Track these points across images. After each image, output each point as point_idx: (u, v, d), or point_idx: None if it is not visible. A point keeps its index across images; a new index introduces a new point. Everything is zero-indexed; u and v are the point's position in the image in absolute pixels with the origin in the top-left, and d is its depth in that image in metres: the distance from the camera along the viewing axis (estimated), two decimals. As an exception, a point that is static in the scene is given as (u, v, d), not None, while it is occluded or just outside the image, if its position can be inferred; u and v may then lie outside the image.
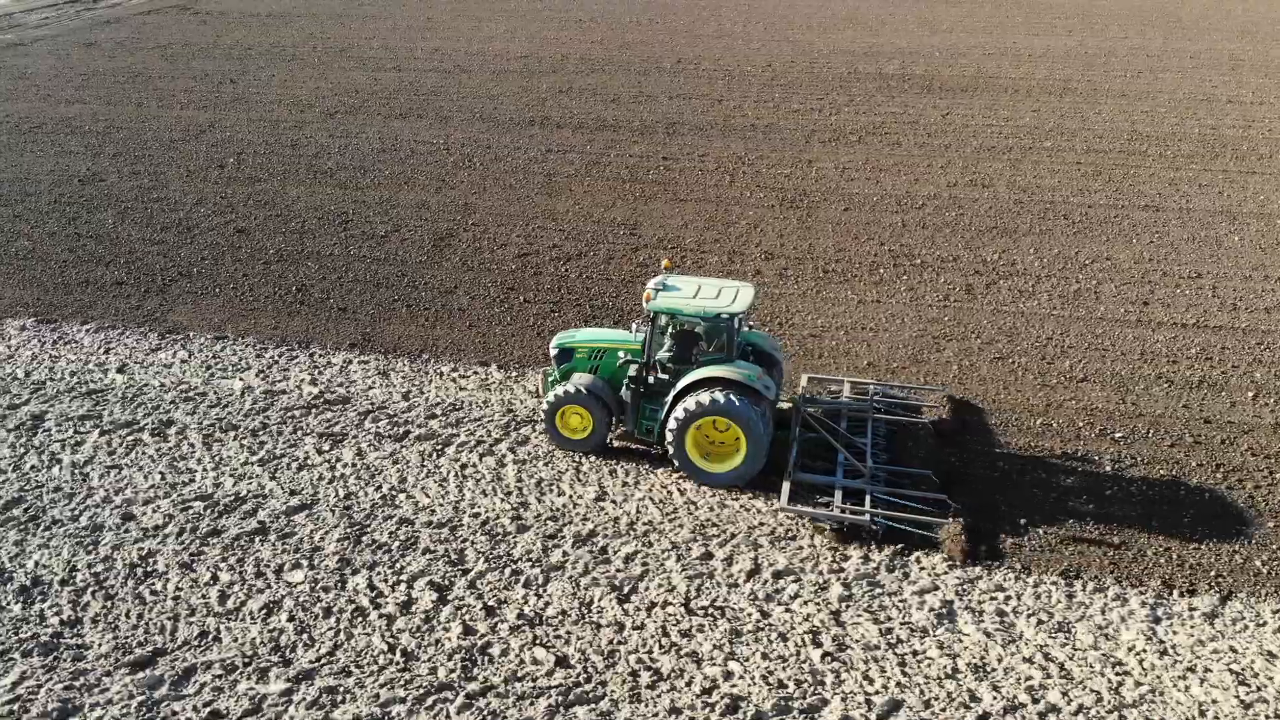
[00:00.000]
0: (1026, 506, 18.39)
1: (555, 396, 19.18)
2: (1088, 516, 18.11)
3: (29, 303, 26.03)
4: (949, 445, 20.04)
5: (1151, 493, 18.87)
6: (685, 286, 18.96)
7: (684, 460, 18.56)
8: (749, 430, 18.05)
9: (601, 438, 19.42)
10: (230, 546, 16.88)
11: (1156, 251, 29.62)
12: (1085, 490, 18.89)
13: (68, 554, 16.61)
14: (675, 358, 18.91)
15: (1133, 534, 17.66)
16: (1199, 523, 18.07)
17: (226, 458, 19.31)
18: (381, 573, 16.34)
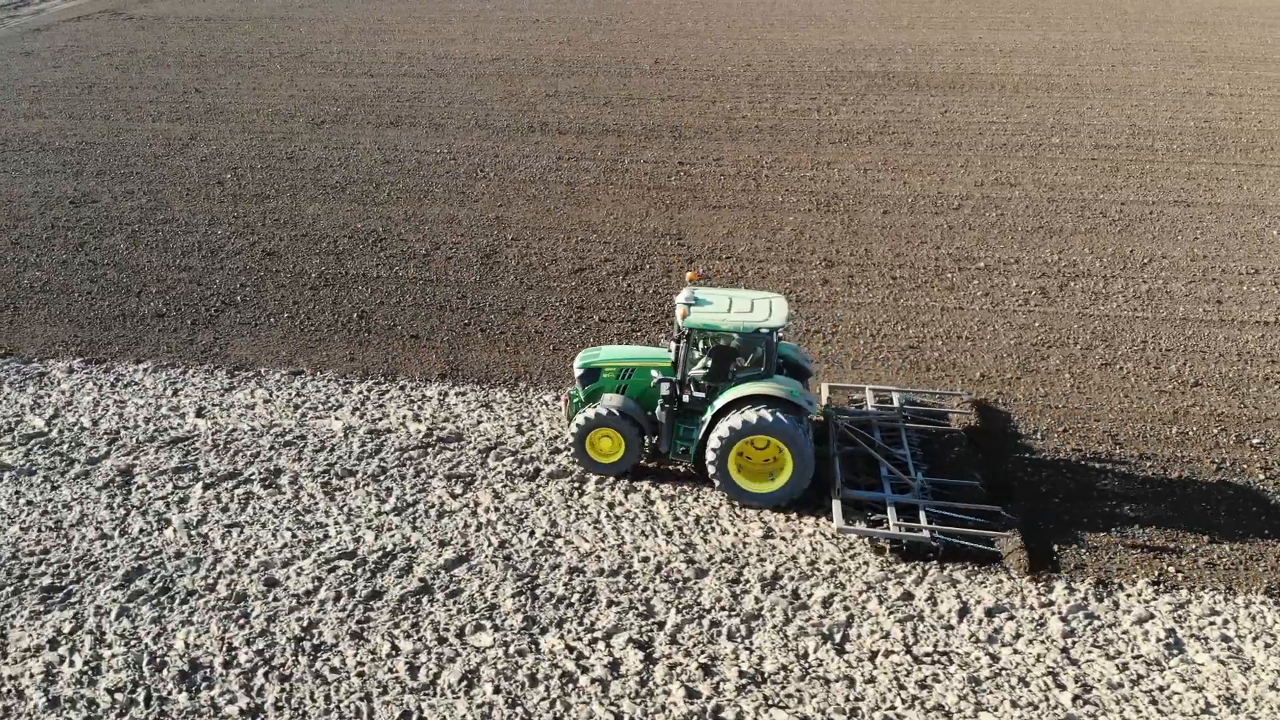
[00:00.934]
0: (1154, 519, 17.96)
1: (585, 419, 18.38)
2: (1244, 532, 17.77)
3: (65, 340, 23.96)
4: (986, 452, 19.67)
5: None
6: (716, 300, 18.30)
7: (726, 480, 17.86)
8: (796, 448, 17.43)
9: (634, 460, 18.63)
10: (398, 609, 15.50)
11: (1206, 248, 29.70)
12: (1233, 502, 18.56)
13: (218, 629, 15.03)
14: (711, 374, 18.24)
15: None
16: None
17: (355, 508, 17.85)
18: (573, 630, 15.14)
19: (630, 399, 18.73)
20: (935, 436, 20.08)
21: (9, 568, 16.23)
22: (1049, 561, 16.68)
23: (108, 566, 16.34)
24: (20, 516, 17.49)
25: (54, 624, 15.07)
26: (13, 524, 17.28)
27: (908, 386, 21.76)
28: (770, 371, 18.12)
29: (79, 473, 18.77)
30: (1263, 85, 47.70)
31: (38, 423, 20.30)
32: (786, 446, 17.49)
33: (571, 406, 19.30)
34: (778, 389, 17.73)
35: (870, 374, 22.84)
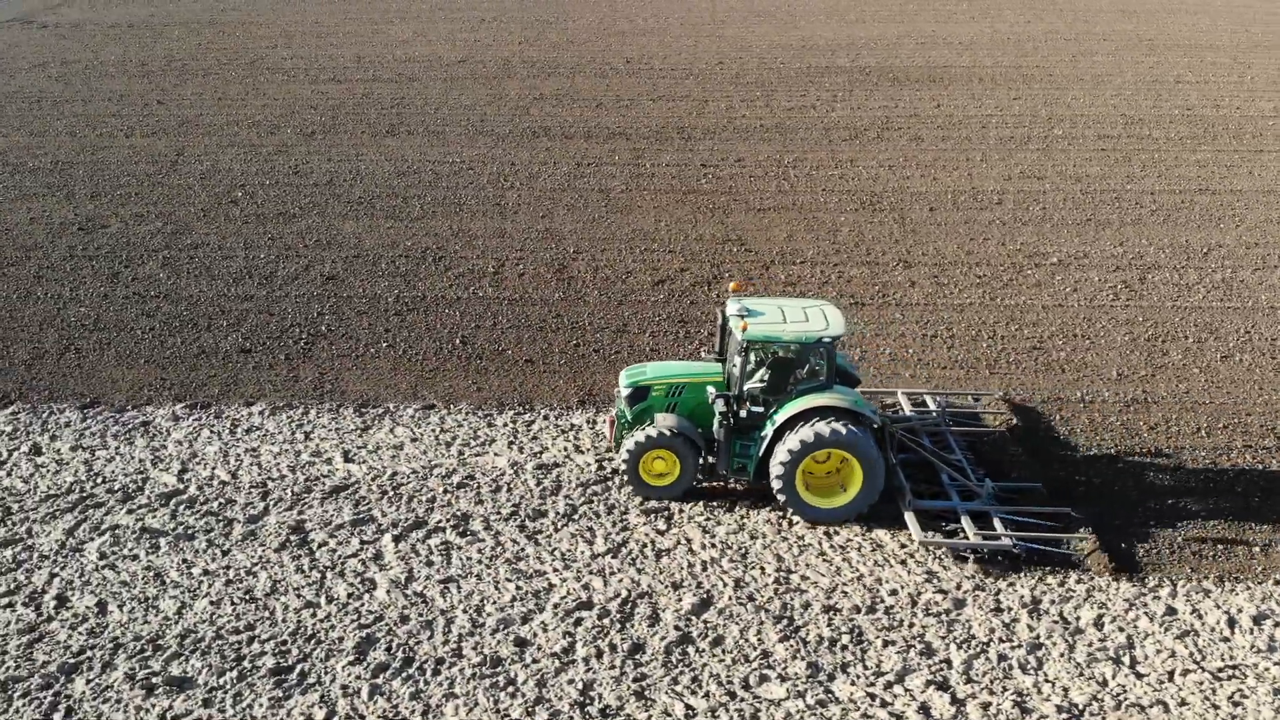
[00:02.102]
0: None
1: (637, 442, 17.55)
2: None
3: (152, 384, 22.03)
4: (1031, 452, 19.77)
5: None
6: (769, 310, 17.83)
7: (793, 497, 17.29)
8: (867, 461, 17.03)
9: (689, 481, 17.90)
10: (669, 663, 14.54)
11: (1255, 235, 30.52)
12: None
13: (487, 700, 13.85)
14: (770, 388, 17.62)
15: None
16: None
17: (566, 551, 16.74)
18: (861, 675, 14.45)
19: (682, 417, 17.95)
20: (980, 438, 19.92)
21: (218, 649, 14.66)
22: (1129, 561, 16.76)
23: (331, 639, 14.91)
24: (203, 588, 15.86)
25: (302, 710, 13.64)
26: (197, 597, 15.64)
27: (940, 388, 21.40)
28: (831, 382, 17.63)
29: (244, 533, 17.16)
30: (1221, 71, 49.47)
31: (168, 480, 18.53)
32: (857, 459, 17.04)
33: (619, 429, 18.42)
34: (842, 400, 17.28)
35: (1012, 379, 22.64)
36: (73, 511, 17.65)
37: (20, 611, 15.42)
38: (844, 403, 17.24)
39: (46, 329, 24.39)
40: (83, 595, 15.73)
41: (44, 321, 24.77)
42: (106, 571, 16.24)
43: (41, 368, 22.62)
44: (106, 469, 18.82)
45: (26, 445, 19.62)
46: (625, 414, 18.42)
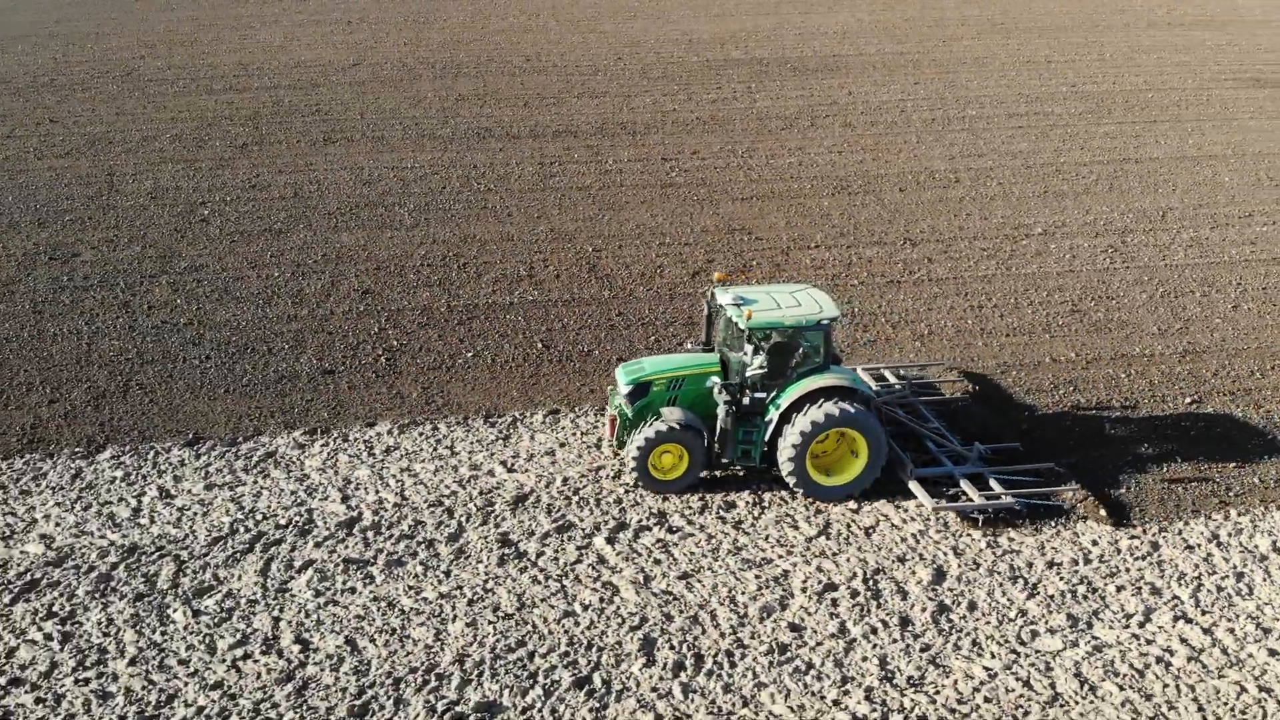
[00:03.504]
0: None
1: (648, 438, 17.66)
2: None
3: (247, 414, 20.89)
4: (996, 413, 21.08)
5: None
6: (761, 298, 18.19)
7: (804, 478, 17.74)
8: (872, 437, 17.66)
9: (698, 472, 18.08)
10: (949, 631, 15.19)
11: (1195, 198, 33.64)
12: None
13: (797, 685, 14.16)
14: (771, 373, 18.00)
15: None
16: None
17: (780, 538, 17.14)
18: (1119, 622, 15.52)
19: (685, 409, 18.17)
20: (948, 405, 20.91)
21: (504, 669, 14.35)
22: (1120, 508, 18.05)
23: (609, 644, 14.85)
24: (447, 611, 15.40)
25: (626, 717, 13.57)
26: (447, 621, 15.20)
27: (891, 363, 22.42)
28: (828, 363, 18.15)
29: (453, 552, 16.70)
30: (1081, 50, 53.70)
31: (336, 509, 17.75)
32: (863, 436, 17.60)
33: (621, 426, 18.41)
34: (843, 380, 17.83)
35: (1069, 340, 24.31)
36: (253, 552, 16.68)
37: (266, 660, 14.55)
38: (845, 382, 17.76)
39: (88, 366, 22.62)
40: (323, 635, 14.99)
41: (79, 359, 22.96)
42: (333, 609, 15.50)
43: (111, 407, 21.04)
44: (260, 504, 17.83)
45: (151, 489, 18.32)
46: (625, 411, 18.42)
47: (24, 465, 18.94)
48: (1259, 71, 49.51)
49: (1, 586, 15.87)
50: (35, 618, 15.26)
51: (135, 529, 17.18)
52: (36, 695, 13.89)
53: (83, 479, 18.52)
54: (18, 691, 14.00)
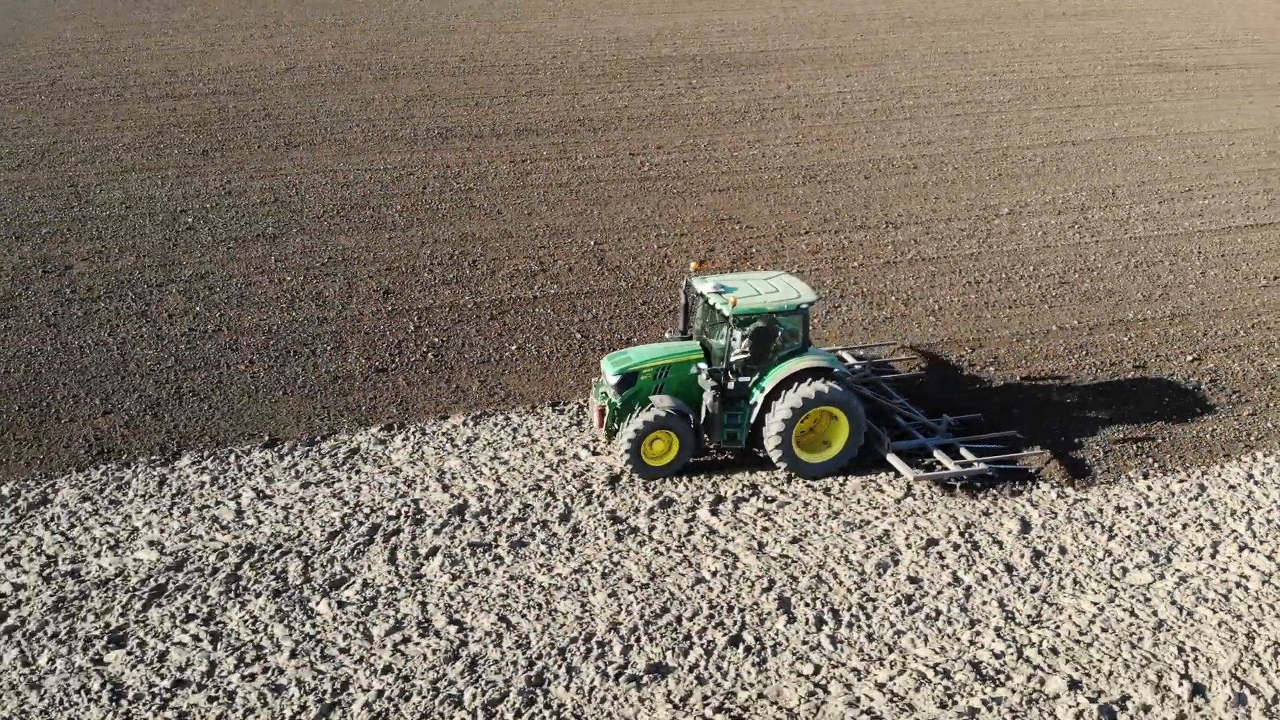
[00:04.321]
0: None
1: (642, 424, 18.09)
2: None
3: (312, 413, 21.00)
4: (951, 387, 22.23)
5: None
6: (740, 285, 18.74)
7: (790, 456, 18.38)
8: (853, 414, 18.41)
9: (688, 457, 18.57)
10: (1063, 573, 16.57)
11: (1134, 175, 36.06)
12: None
13: (968, 634, 15.30)
14: (754, 358, 18.55)
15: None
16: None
17: (869, 500, 18.27)
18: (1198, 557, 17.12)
19: (672, 396, 18.64)
20: (907, 382, 22.01)
21: (660, 634, 15.11)
22: (1077, 468, 19.23)
23: (749, 605, 15.72)
24: (584, 585, 16.06)
25: (796, 671, 14.51)
26: (588, 594, 15.85)
27: (844, 344, 23.52)
28: (806, 346, 18.84)
29: (570, 530, 17.35)
30: (991, 41, 56.56)
31: (440, 498, 18.17)
32: (845, 413, 18.31)
33: (611, 415, 18.82)
34: (823, 361, 18.60)
35: (1069, 310, 26.11)
36: (374, 543, 17.02)
37: (427, 642, 15.00)
38: (824, 363, 18.50)
39: (129, 376, 22.38)
40: (474, 615, 15.49)
41: (116, 369, 22.67)
42: (474, 589, 16.00)
43: (171, 415, 20.91)
44: (364, 498, 18.13)
45: (246, 490, 18.43)
46: (614, 401, 18.90)
47: (101, 476, 18.76)
48: (1159, 57, 52.94)
49: (128, 593, 15.83)
50: (175, 621, 15.33)
51: (245, 529, 17.29)
52: (207, 695, 14.03)
53: (170, 485, 18.47)
54: (185, 692, 14.12)
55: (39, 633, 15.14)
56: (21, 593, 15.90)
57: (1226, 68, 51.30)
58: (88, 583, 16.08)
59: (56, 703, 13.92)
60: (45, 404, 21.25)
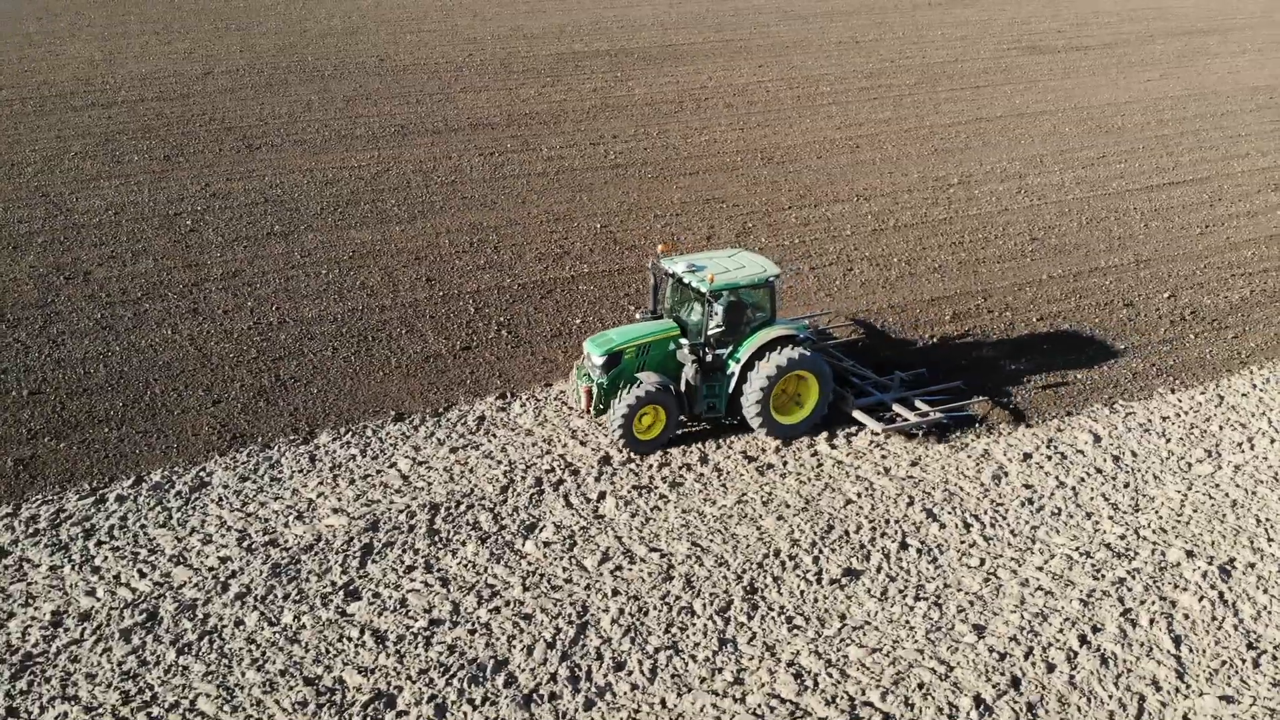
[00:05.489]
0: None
1: (632, 401, 18.97)
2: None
3: (420, 391, 22.11)
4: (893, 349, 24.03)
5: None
6: (710, 263, 19.85)
7: (769, 420, 19.55)
8: (822, 376, 19.76)
9: (674, 429, 19.54)
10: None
11: (1051, 145, 40.00)
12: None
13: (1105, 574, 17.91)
14: (728, 330, 19.56)
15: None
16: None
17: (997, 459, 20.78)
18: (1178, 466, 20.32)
19: (653, 372, 19.59)
20: (852, 346, 23.66)
21: (795, 565, 17.19)
22: (1018, 413, 21.19)
23: (931, 518, 17.95)
24: (761, 513, 17.95)
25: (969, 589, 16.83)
26: (762, 518, 17.78)
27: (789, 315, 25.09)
28: (774, 316, 20.02)
29: (713, 470, 19.17)
30: (877, 31, 60.47)
31: (581, 452, 19.63)
32: (815, 377, 19.62)
33: (600, 394, 19.62)
34: (791, 329, 19.83)
35: (1046, 263, 29.32)
36: (545, 493, 18.46)
37: (640, 568, 16.62)
38: (792, 331, 19.75)
39: (218, 368, 22.89)
40: (669, 543, 17.19)
41: (200, 362, 23.13)
42: (656, 522, 17.69)
43: (282, 400, 21.66)
44: (514, 456, 19.49)
45: (399, 459, 19.53)
46: (601, 380, 19.66)
47: (247, 457, 19.49)
48: (1030, 41, 57.83)
49: (339, 554, 16.85)
50: (398, 573, 16.46)
51: (417, 492, 18.44)
52: (466, 629, 15.32)
53: (321, 460, 19.38)
54: (441, 630, 15.36)
55: (268, 596, 16.00)
56: (230, 564, 16.67)
57: (1090, 48, 56.47)
58: (293, 549, 16.96)
59: (324, 652, 14.92)
60: (148, 399, 21.63)
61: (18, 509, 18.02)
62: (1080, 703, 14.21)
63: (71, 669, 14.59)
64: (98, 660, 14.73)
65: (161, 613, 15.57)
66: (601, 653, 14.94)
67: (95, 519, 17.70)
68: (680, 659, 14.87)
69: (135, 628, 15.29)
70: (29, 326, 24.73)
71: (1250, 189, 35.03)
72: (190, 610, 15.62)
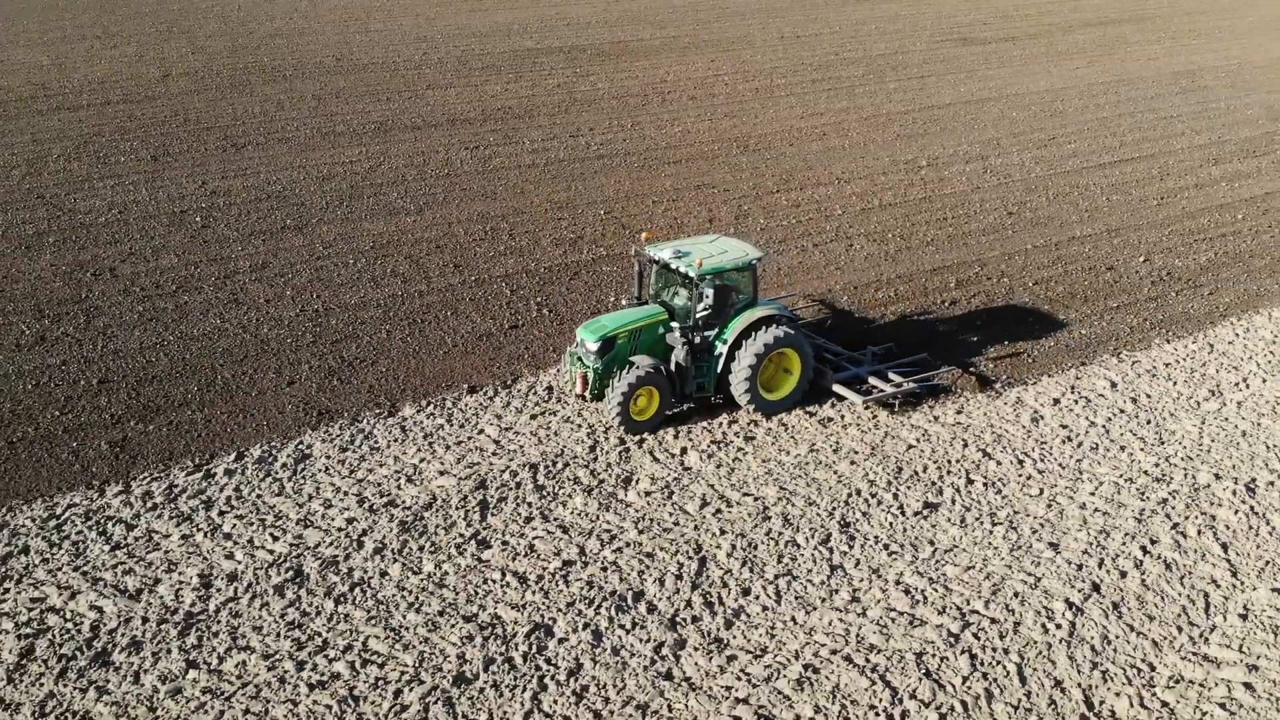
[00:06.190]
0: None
1: (632, 381, 19.60)
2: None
3: (484, 367, 23.33)
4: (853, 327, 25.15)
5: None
6: (694, 249, 20.52)
7: (757, 397, 20.38)
8: (804, 354, 20.65)
9: (665, 411, 20.20)
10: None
11: (1000, 130, 42.59)
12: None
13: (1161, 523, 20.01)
14: (715, 312, 20.36)
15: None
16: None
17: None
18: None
19: (646, 356, 20.31)
20: (819, 325, 24.41)
21: (925, 483, 18.98)
22: (986, 380, 22.55)
23: (987, 457, 19.83)
24: (851, 458, 19.65)
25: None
26: (857, 460, 19.46)
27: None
28: (756, 298, 20.85)
29: (778, 424, 20.83)
30: (814, 26, 62.74)
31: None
32: (798, 354, 20.51)
33: (596, 378, 20.27)
34: (773, 309, 20.61)
35: (1025, 234, 31.61)
36: (629, 449, 19.82)
37: (736, 510, 18.16)
38: (775, 311, 20.53)
39: (281, 352, 23.69)
40: (758, 488, 18.76)
41: (262, 348, 23.90)
42: (740, 471, 19.24)
43: (355, 379, 22.59)
44: (593, 420, 20.77)
45: (486, 426, 20.68)
46: (595, 366, 20.32)
47: (339, 431, 20.47)
48: (961, 34, 60.77)
49: (459, 509, 18.03)
50: (518, 523, 17.71)
51: (513, 454, 19.67)
52: (599, 566, 16.67)
53: (411, 430, 20.46)
54: (575, 568, 16.69)
55: (404, 550, 17.12)
56: (358, 524, 17.72)
57: (1017, 39, 59.62)
58: (414, 508, 18.08)
59: (473, 594, 16.12)
60: (220, 383, 22.38)
61: (128, 486, 18.70)
62: (1155, 600, 16.17)
63: (235, 623, 15.50)
64: (258, 614, 15.66)
65: (306, 569, 16.54)
66: (726, 581, 16.40)
67: (209, 491, 18.52)
68: (798, 584, 16.43)
69: (285, 584, 16.24)
70: (73, 321, 25.14)
71: (1193, 164, 37.96)
72: (333, 566, 16.63)
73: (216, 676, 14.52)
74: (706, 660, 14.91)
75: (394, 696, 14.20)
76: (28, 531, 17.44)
